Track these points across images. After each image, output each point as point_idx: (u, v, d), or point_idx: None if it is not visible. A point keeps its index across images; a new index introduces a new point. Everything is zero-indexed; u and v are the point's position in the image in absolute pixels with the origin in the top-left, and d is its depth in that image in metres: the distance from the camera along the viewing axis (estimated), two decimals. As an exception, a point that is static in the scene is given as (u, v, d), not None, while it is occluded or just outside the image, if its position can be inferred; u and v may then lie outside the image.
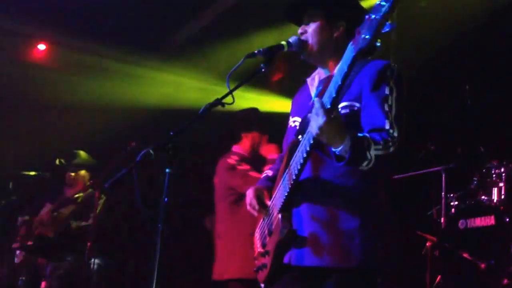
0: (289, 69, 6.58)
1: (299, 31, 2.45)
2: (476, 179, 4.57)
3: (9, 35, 6.48)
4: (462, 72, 5.30)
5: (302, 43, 2.40)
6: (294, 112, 2.57)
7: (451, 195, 4.72)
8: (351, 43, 1.96)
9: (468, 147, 4.75)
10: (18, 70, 6.78)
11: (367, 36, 1.88)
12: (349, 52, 1.97)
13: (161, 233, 1.93)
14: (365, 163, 2.07)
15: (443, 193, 4.74)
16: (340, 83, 1.99)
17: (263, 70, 2.38)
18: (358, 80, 2.26)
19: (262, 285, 2.43)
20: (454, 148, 4.82)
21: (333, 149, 2.07)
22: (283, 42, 2.39)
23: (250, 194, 2.54)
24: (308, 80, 2.55)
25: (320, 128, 2.00)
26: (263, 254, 2.43)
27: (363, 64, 2.28)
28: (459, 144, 4.81)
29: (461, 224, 4.36)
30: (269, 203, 2.47)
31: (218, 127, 4.59)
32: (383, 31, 1.88)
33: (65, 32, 6.53)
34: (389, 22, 1.87)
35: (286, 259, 2.30)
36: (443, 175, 4.77)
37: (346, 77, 1.99)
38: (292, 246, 2.27)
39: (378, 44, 1.94)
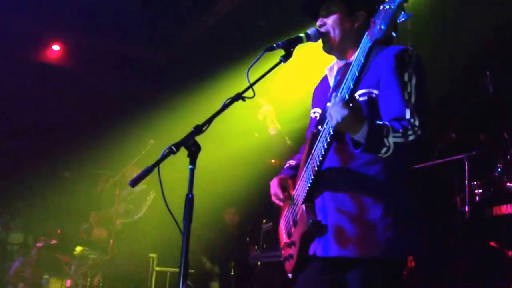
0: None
1: (318, 23, 2.44)
2: (500, 166, 4.50)
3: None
4: (482, 59, 5.22)
5: (322, 35, 2.39)
6: (314, 104, 2.58)
7: (475, 183, 4.65)
8: (366, 33, 1.97)
9: (491, 133, 4.68)
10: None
11: (382, 27, 1.88)
12: (365, 43, 1.98)
13: (187, 229, 1.94)
14: (383, 150, 2.06)
15: (466, 181, 4.67)
16: (357, 74, 2.00)
17: (281, 63, 2.37)
18: (375, 66, 2.25)
19: (290, 275, 2.45)
20: (477, 135, 4.75)
21: (351, 136, 2.08)
22: (302, 35, 2.38)
23: (274, 184, 2.55)
24: (327, 70, 2.55)
25: (343, 118, 2.00)
26: (289, 245, 2.45)
27: (380, 50, 2.26)
28: (482, 131, 4.74)
29: (486, 212, 4.31)
30: (293, 192, 2.48)
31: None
32: (398, 21, 1.88)
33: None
34: (405, 11, 1.86)
35: (311, 251, 2.31)
36: (466, 163, 4.70)
37: (363, 68, 2.00)
38: (316, 237, 2.28)
39: (394, 34, 1.93)
